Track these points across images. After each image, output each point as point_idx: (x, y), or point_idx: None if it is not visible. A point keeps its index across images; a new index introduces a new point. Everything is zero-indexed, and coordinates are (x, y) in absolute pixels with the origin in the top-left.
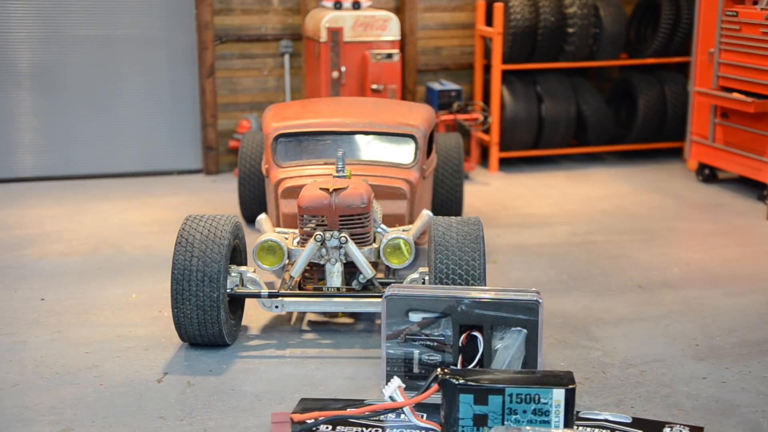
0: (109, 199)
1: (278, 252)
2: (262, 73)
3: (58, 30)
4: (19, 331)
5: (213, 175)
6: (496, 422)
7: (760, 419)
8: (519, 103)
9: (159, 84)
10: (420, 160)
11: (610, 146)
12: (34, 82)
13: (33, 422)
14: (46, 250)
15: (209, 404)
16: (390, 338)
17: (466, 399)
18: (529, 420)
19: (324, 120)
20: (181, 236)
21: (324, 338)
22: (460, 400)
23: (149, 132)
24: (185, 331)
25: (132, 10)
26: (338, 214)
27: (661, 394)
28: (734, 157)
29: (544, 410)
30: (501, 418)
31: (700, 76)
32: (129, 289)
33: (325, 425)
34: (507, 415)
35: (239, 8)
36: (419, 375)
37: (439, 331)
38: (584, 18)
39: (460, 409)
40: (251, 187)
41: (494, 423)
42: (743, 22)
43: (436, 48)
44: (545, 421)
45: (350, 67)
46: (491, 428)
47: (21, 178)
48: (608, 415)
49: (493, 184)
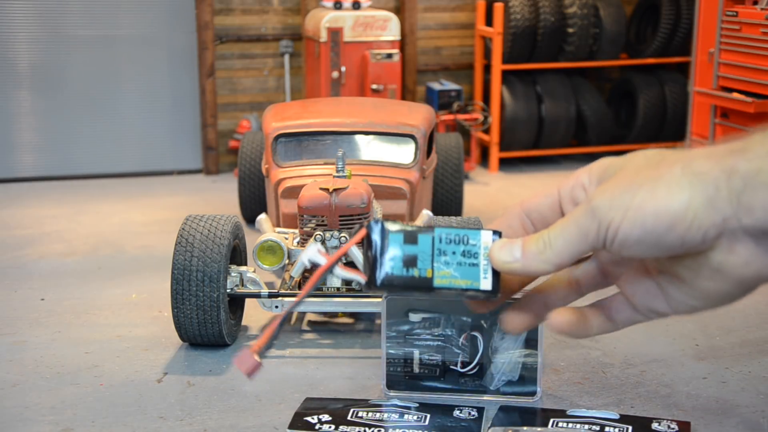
0: (109, 199)
1: (278, 252)
2: (262, 73)
3: (58, 30)
4: (19, 331)
5: (213, 175)
6: (426, 263)
7: (760, 419)
8: (519, 103)
9: (159, 84)
10: (420, 160)
11: (610, 146)
12: (34, 82)
13: (33, 422)
14: (46, 250)
15: (209, 404)
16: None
17: (395, 238)
18: (458, 262)
19: (324, 120)
20: (181, 236)
21: (324, 338)
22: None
23: (149, 132)
24: (185, 331)
25: (132, 10)
26: (338, 214)
27: (661, 394)
28: None
29: (473, 252)
30: (431, 260)
31: (700, 76)
32: (129, 289)
33: (328, 424)
34: (437, 256)
35: (239, 8)
36: (420, 375)
37: (439, 330)
38: (584, 18)
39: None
40: (251, 187)
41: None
42: (743, 22)
43: (436, 48)
44: (474, 264)
45: (350, 67)
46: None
47: (21, 178)
48: (595, 412)
49: (493, 184)
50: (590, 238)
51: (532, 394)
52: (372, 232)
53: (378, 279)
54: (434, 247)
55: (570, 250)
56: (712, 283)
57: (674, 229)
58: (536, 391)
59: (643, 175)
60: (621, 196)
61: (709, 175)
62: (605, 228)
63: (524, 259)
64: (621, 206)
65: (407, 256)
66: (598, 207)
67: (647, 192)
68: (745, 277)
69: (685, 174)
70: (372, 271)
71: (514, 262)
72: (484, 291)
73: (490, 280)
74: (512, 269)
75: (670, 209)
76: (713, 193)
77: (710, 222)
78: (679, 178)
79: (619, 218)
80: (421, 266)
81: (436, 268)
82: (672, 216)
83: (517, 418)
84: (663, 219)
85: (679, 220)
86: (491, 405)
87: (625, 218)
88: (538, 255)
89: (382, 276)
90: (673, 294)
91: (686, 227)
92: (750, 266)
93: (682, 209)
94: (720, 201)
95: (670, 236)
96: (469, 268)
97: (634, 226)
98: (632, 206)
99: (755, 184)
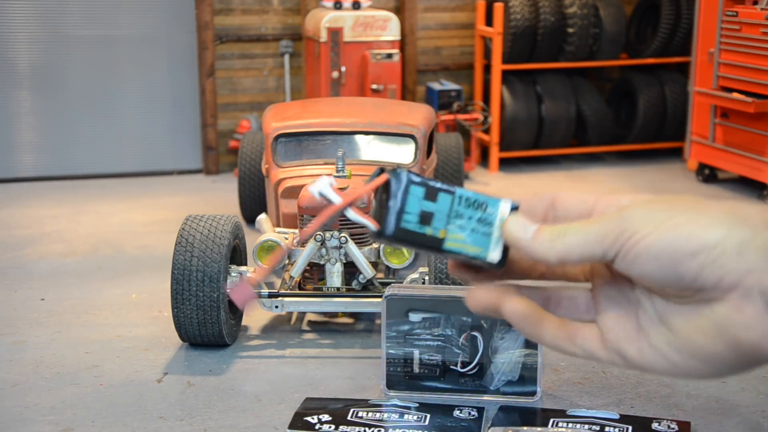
0: (109, 199)
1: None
2: (262, 73)
3: (58, 30)
4: (19, 331)
5: (213, 175)
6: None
7: (760, 419)
8: (519, 103)
9: (159, 84)
10: (420, 160)
11: (610, 146)
12: (34, 82)
13: (33, 422)
14: (46, 250)
15: (209, 404)
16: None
17: (416, 192)
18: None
19: (324, 120)
20: (181, 236)
21: (324, 338)
22: (410, 192)
23: (149, 132)
24: (185, 331)
25: (132, 10)
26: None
27: (661, 394)
28: (734, 157)
29: (489, 220)
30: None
31: (700, 76)
32: (129, 289)
33: (328, 424)
34: (452, 218)
35: (239, 8)
36: (420, 375)
37: (439, 330)
38: (584, 18)
39: (408, 201)
40: (251, 187)
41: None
42: (743, 22)
43: (436, 48)
44: (487, 233)
45: (350, 67)
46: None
47: (21, 178)
48: (595, 412)
49: (493, 184)
50: (606, 243)
51: (532, 394)
52: (393, 179)
53: (390, 229)
54: (452, 208)
55: (581, 248)
56: (705, 339)
57: (695, 258)
58: (536, 391)
59: (688, 203)
60: (658, 213)
61: (751, 221)
62: (628, 236)
63: (533, 240)
64: (655, 221)
65: (424, 212)
66: (630, 215)
67: (687, 217)
68: (742, 342)
69: (729, 214)
70: (385, 221)
71: (522, 239)
72: (490, 262)
73: (500, 251)
74: (518, 245)
75: (703, 237)
76: (747, 239)
77: (732, 267)
78: (722, 215)
79: (648, 231)
80: (435, 225)
81: (450, 231)
82: (700, 244)
83: (517, 418)
84: (691, 244)
85: (705, 252)
86: (491, 405)
87: (655, 232)
88: (548, 241)
89: (395, 227)
90: (654, 340)
91: (709, 261)
92: (752, 331)
93: (713, 242)
94: (751, 250)
95: (688, 264)
96: (481, 237)
97: (660, 239)
98: (667, 223)
99: None
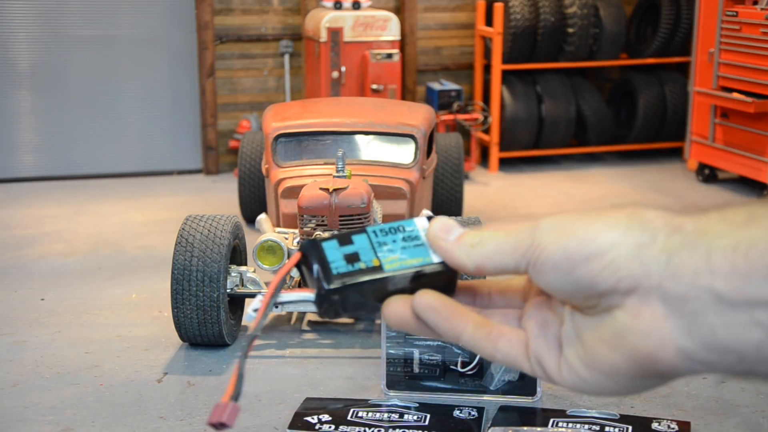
0: (109, 199)
1: (278, 252)
2: (262, 73)
3: (58, 30)
4: (19, 331)
5: (213, 175)
6: (369, 256)
7: (760, 419)
8: (519, 103)
9: (159, 84)
10: (420, 160)
11: (610, 146)
12: (34, 82)
13: (33, 422)
14: (46, 250)
15: (209, 404)
16: None
17: (330, 245)
18: (402, 247)
19: (324, 120)
20: (181, 236)
21: (324, 338)
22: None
23: (149, 132)
24: (185, 331)
25: (132, 10)
26: (338, 214)
27: (661, 394)
28: (734, 157)
29: (413, 236)
30: (373, 251)
31: (700, 76)
32: (129, 289)
33: (328, 424)
34: (378, 248)
35: (239, 8)
36: (420, 375)
37: None
38: (584, 18)
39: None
40: (251, 187)
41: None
42: (743, 22)
43: (436, 48)
44: (419, 244)
45: (350, 67)
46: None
47: (21, 178)
48: (595, 412)
49: (493, 184)
50: (518, 254)
51: (532, 394)
52: (306, 250)
53: (325, 283)
54: (372, 242)
55: (497, 259)
56: (606, 350)
57: (590, 262)
58: (536, 391)
59: (595, 211)
60: (563, 222)
61: (651, 224)
62: (535, 246)
63: (454, 244)
64: (557, 230)
65: (348, 254)
66: (540, 226)
67: (586, 223)
68: (639, 352)
69: (629, 217)
70: (318, 281)
71: (444, 241)
72: (439, 264)
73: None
74: (439, 245)
75: (595, 241)
76: (646, 243)
77: (628, 271)
78: (620, 219)
79: (550, 240)
80: (365, 258)
81: (382, 257)
82: (594, 249)
83: (517, 418)
84: (584, 249)
85: (598, 256)
86: (491, 405)
87: (555, 241)
88: (468, 248)
89: (328, 279)
90: (568, 355)
91: (602, 266)
92: (648, 339)
93: (606, 246)
94: (649, 253)
95: (583, 269)
96: (415, 249)
97: (557, 248)
98: (566, 231)
99: (695, 245)
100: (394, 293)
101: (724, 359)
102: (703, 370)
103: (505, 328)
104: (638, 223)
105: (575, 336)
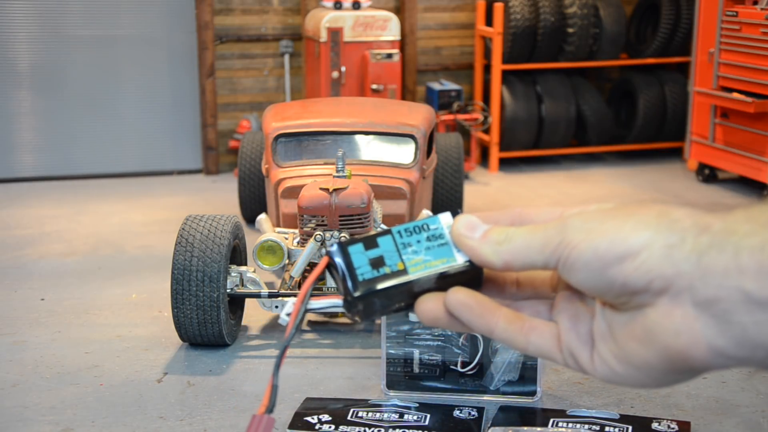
0: (109, 199)
1: (278, 252)
2: (262, 73)
3: (58, 30)
4: (19, 331)
5: (213, 175)
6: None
7: (760, 419)
8: (519, 103)
9: (159, 84)
10: (420, 160)
11: (610, 146)
12: (34, 82)
13: (33, 422)
14: (46, 250)
15: (209, 404)
16: None
17: (356, 249)
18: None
19: (324, 120)
20: (181, 236)
21: (324, 338)
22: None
23: (149, 132)
24: (185, 331)
25: (132, 10)
26: (338, 214)
27: (661, 394)
28: (734, 157)
29: (437, 234)
30: (398, 254)
31: (700, 76)
32: (129, 289)
33: (328, 424)
34: (403, 250)
35: (239, 8)
36: (420, 375)
37: (439, 330)
38: (584, 18)
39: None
40: (251, 187)
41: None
42: (743, 22)
43: (436, 48)
44: (443, 243)
45: (350, 67)
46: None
47: (21, 178)
48: (595, 412)
49: (493, 184)
50: (547, 251)
51: (532, 394)
52: (333, 255)
53: (352, 290)
54: (397, 243)
55: (525, 254)
56: (638, 346)
57: (622, 263)
58: (536, 391)
59: (622, 210)
60: (592, 221)
61: (680, 225)
62: (565, 244)
63: (480, 241)
64: (587, 228)
65: (372, 259)
66: (569, 225)
67: (615, 223)
68: (671, 349)
69: (658, 217)
70: (345, 287)
71: (470, 238)
72: (464, 264)
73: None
74: (464, 244)
75: (627, 242)
76: (676, 243)
77: (660, 271)
78: (649, 219)
79: (580, 239)
80: (390, 263)
81: (406, 259)
82: (625, 249)
83: (517, 418)
84: (616, 249)
85: (630, 257)
86: (491, 405)
87: (585, 239)
88: (495, 244)
89: (354, 285)
90: (600, 349)
91: (634, 266)
92: (679, 337)
93: (638, 246)
94: (680, 254)
95: (615, 269)
96: (439, 249)
97: (588, 247)
98: (597, 230)
99: (723, 245)
100: (421, 294)
101: (754, 355)
102: (734, 365)
103: (537, 321)
104: (667, 224)
105: (607, 331)
